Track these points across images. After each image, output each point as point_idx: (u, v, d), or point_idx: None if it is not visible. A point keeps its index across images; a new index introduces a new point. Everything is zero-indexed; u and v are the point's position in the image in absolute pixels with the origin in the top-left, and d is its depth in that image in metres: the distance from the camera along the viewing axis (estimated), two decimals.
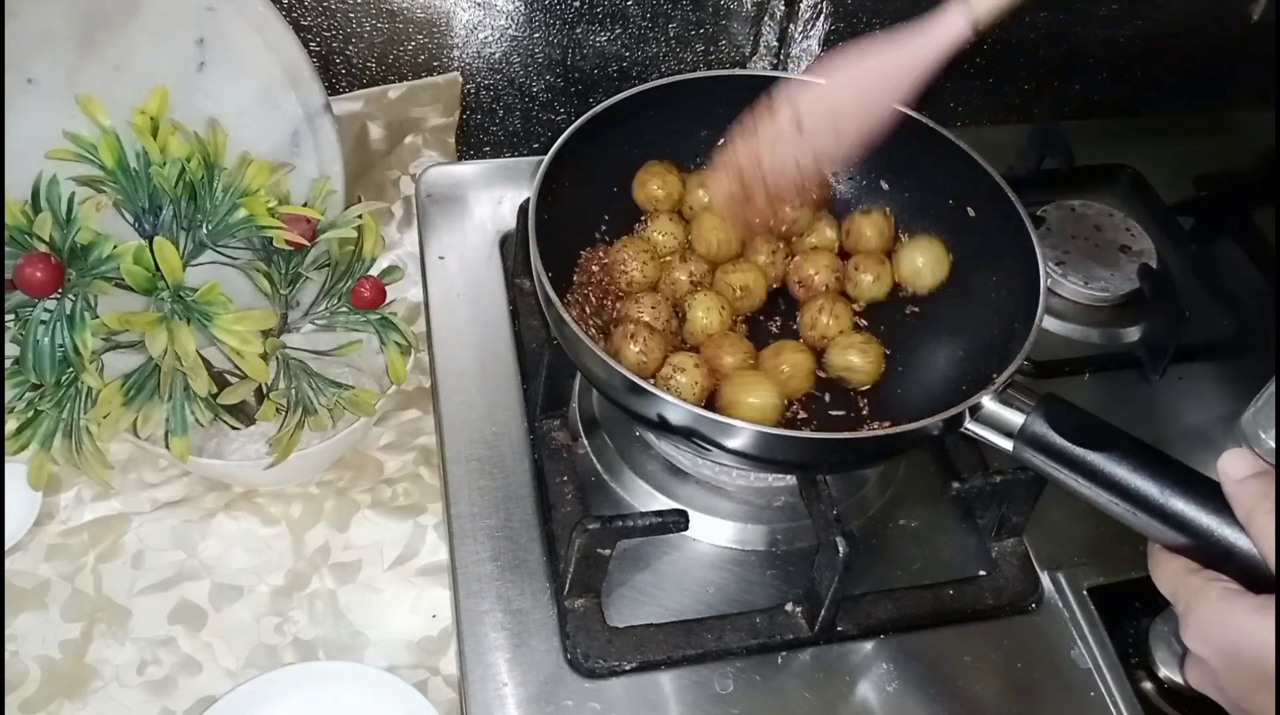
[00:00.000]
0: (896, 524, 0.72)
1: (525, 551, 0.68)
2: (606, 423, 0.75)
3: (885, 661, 0.65)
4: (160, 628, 0.70)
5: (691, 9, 0.89)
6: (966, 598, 0.68)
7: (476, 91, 0.91)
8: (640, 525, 0.62)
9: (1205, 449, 0.80)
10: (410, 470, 0.79)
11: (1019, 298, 0.67)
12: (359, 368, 0.81)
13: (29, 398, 0.59)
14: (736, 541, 0.70)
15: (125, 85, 0.67)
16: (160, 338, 0.57)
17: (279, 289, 0.66)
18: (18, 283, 0.56)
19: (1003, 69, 1.00)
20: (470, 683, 0.62)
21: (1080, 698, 0.65)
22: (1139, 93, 1.06)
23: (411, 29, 0.86)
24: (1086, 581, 0.69)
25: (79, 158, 0.61)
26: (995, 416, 0.59)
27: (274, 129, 0.73)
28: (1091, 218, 0.93)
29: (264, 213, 0.62)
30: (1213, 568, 0.49)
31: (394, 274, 0.72)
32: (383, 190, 0.92)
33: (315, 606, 0.72)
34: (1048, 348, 0.85)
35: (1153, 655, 0.66)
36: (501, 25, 0.87)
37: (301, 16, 0.82)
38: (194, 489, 0.77)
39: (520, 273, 0.82)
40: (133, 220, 0.64)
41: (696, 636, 0.64)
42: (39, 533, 0.73)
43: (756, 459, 0.63)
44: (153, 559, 0.73)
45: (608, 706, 0.62)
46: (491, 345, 0.79)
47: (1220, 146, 1.03)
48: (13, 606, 0.70)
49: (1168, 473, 0.53)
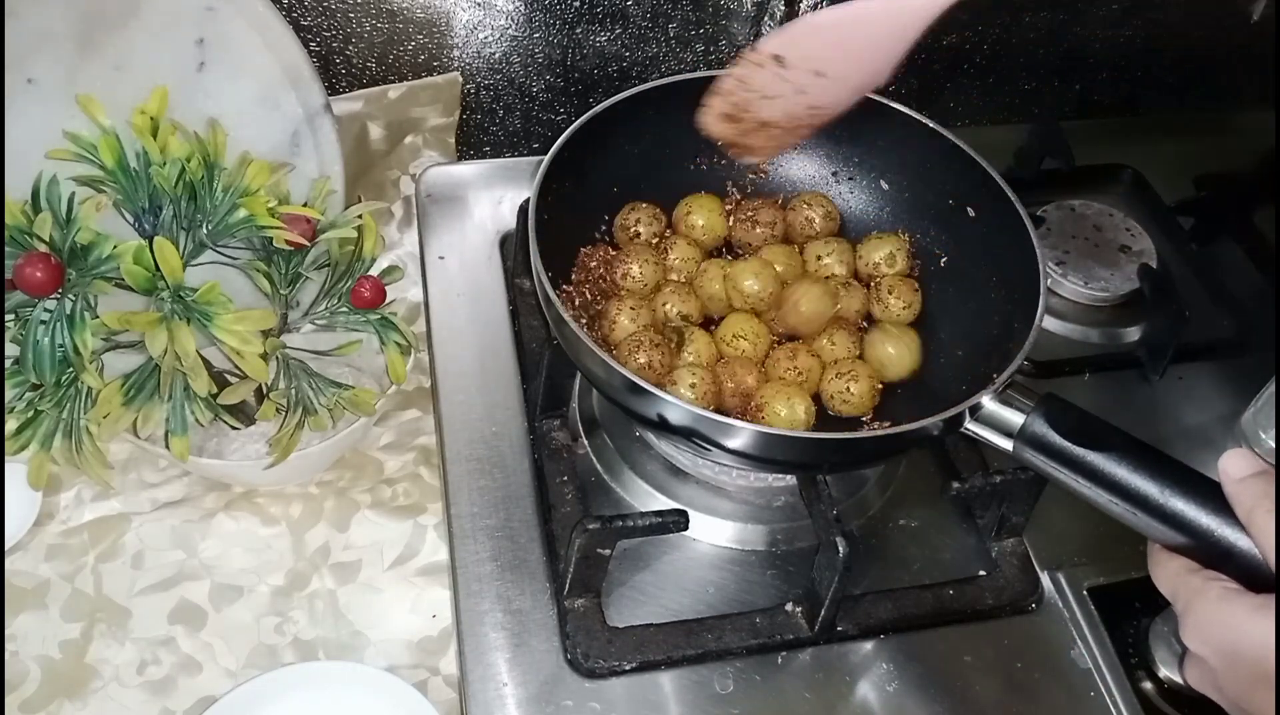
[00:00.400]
0: (896, 524, 0.72)
1: (525, 551, 0.68)
2: (606, 423, 0.75)
3: (885, 661, 0.65)
4: (160, 628, 0.70)
5: (691, 9, 0.89)
6: (966, 598, 0.68)
7: (476, 91, 0.91)
8: (640, 525, 0.62)
9: (1205, 449, 0.80)
10: (410, 470, 0.79)
11: (1019, 298, 0.67)
12: (359, 368, 0.81)
13: (29, 398, 0.59)
14: (736, 541, 0.70)
15: (125, 85, 0.67)
16: (160, 338, 0.57)
17: (279, 289, 0.66)
18: (18, 283, 0.56)
19: (1003, 69, 1.00)
20: (470, 683, 0.62)
21: (1080, 698, 0.65)
22: (1139, 93, 1.06)
23: (411, 29, 0.86)
24: (1086, 581, 0.69)
25: (79, 158, 0.61)
26: (995, 416, 0.59)
27: (274, 129, 0.73)
28: (1091, 218, 0.93)
29: (264, 213, 0.62)
30: (1212, 568, 0.49)
31: (394, 274, 0.72)
32: (383, 190, 0.92)
33: (315, 606, 0.72)
34: (1048, 348, 0.85)
35: (1153, 655, 0.66)
36: (501, 25, 0.87)
37: (301, 16, 0.82)
38: (194, 489, 0.77)
39: (520, 273, 0.82)
40: (133, 220, 0.64)
41: (696, 636, 0.64)
42: (39, 533, 0.73)
43: (756, 459, 0.63)
44: (153, 559, 0.73)
45: (608, 706, 0.62)
46: (491, 345, 0.79)
47: (1220, 146, 1.03)
48: (13, 606, 0.70)
49: (1168, 473, 0.53)
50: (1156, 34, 1.00)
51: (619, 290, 0.73)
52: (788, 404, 0.66)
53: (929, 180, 0.76)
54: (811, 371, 0.70)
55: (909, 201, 0.77)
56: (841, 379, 0.69)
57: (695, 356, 0.69)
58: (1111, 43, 1.00)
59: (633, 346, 0.67)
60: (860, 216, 0.79)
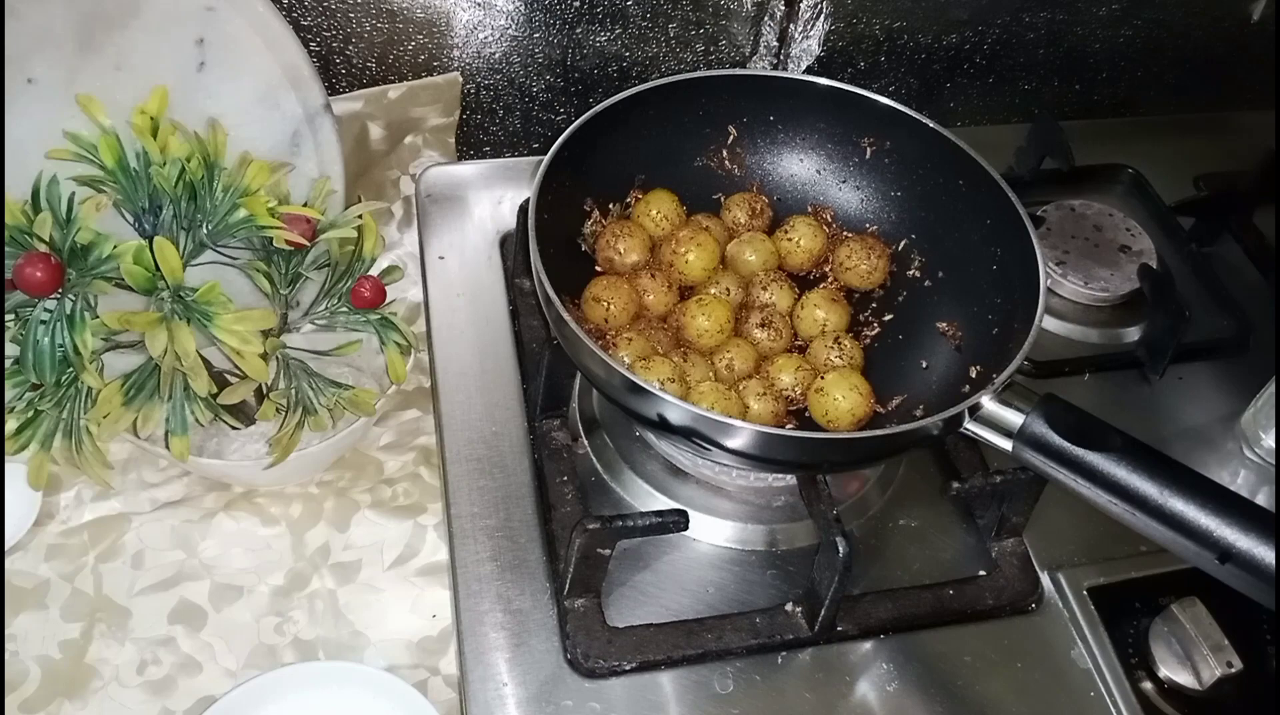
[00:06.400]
0: (896, 524, 0.72)
1: (525, 551, 0.68)
2: (606, 423, 0.75)
3: (885, 661, 0.65)
4: (160, 628, 0.70)
5: (691, 9, 0.89)
6: (966, 598, 0.68)
7: (476, 91, 0.91)
8: (640, 525, 0.62)
9: (1205, 449, 0.80)
10: (410, 470, 0.79)
11: (1019, 298, 0.67)
12: (359, 368, 0.81)
13: (29, 398, 0.59)
14: (736, 541, 0.70)
15: (125, 85, 0.67)
16: (160, 338, 0.57)
17: (279, 289, 0.66)
18: (18, 283, 0.56)
19: (1003, 69, 1.00)
20: (470, 683, 0.62)
21: (1080, 698, 0.65)
22: (1139, 93, 1.06)
23: (411, 29, 0.86)
24: (1086, 581, 0.69)
25: (79, 158, 0.61)
26: (995, 416, 0.59)
27: (274, 129, 0.73)
28: (1091, 218, 0.93)
29: (264, 213, 0.62)
30: (1212, 568, 0.49)
31: (394, 274, 0.72)
32: (383, 190, 0.92)
33: (315, 606, 0.72)
34: (1048, 348, 0.85)
35: (1153, 655, 0.66)
36: (501, 25, 0.87)
37: (301, 16, 0.82)
38: (194, 489, 0.77)
39: (520, 273, 0.82)
40: (133, 220, 0.64)
41: (696, 636, 0.64)
42: (39, 533, 0.73)
43: (756, 459, 0.63)
44: (153, 559, 0.73)
45: (608, 706, 0.62)
46: (491, 345, 0.79)
47: (1220, 146, 1.03)
48: (13, 606, 0.70)
49: (1167, 473, 0.53)
50: (1156, 34, 1.00)
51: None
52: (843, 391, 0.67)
53: (929, 180, 0.76)
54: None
55: (909, 201, 0.77)
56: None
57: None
58: (1111, 43, 1.00)
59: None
60: (860, 216, 0.79)
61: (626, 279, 0.73)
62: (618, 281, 0.72)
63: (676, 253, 0.74)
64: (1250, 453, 0.80)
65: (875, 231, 0.78)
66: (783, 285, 0.75)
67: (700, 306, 0.71)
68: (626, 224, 0.75)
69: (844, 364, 0.70)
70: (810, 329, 0.74)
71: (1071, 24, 0.98)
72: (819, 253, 0.77)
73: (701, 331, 0.71)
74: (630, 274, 0.74)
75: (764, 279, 0.75)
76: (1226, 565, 0.49)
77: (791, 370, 0.70)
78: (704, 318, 0.71)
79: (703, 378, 0.69)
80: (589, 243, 0.75)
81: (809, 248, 0.76)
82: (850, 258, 0.76)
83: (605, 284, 0.72)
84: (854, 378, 0.68)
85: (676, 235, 0.74)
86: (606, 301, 0.71)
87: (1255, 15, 1.00)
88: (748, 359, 0.71)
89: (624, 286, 0.72)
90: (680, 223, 0.76)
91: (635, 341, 0.69)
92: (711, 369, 0.70)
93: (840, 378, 0.67)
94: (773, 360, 0.71)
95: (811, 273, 0.78)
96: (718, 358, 0.71)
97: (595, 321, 0.71)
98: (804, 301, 0.74)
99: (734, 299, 0.74)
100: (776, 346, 0.72)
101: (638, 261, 0.74)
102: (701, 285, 0.74)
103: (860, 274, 0.76)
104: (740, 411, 0.67)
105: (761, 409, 0.68)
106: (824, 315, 0.73)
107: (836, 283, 0.77)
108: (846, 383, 0.67)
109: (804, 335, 0.74)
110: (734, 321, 0.72)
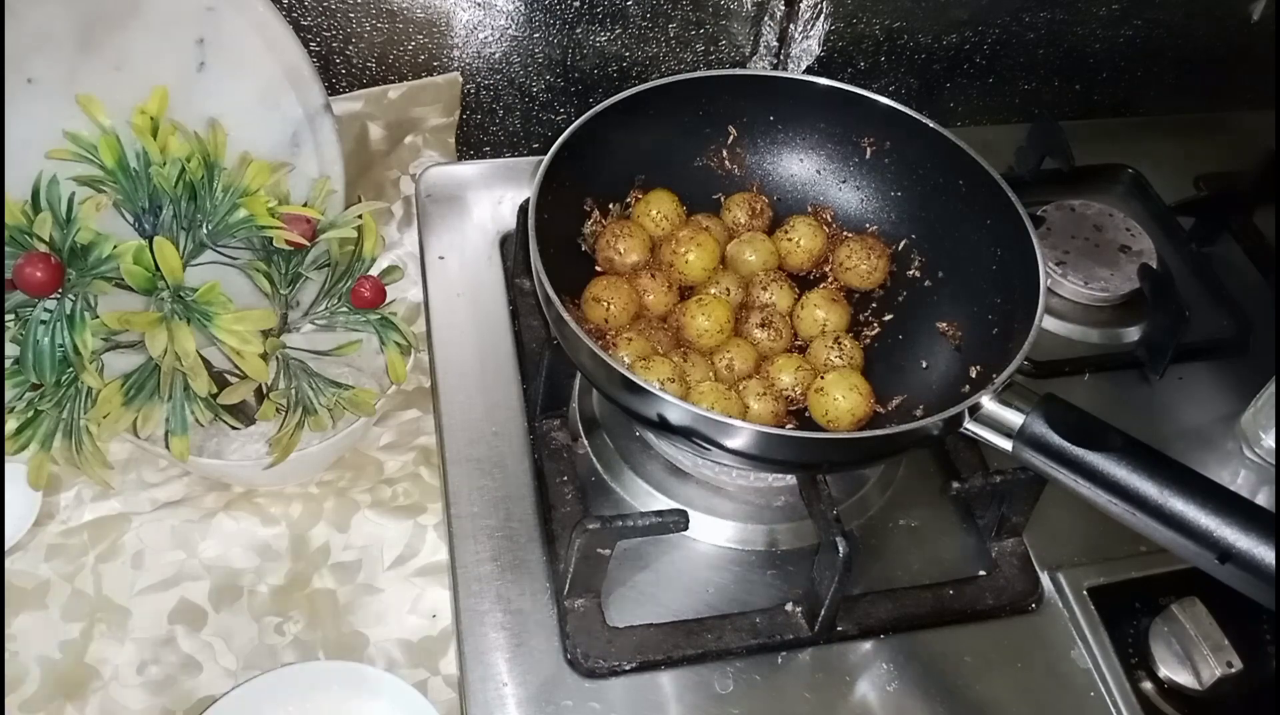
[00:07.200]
0: (896, 524, 0.72)
1: (525, 551, 0.68)
2: (606, 423, 0.75)
3: (885, 661, 0.65)
4: (160, 628, 0.70)
5: (691, 9, 0.89)
6: (966, 598, 0.68)
7: (476, 91, 0.91)
8: (640, 525, 0.62)
9: (1205, 449, 0.80)
10: (410, 470, 0.79)
11: (1019, 298, 0.67)
12: (359, 368, 0.81)
13: (29, 398, 0.59)
14: (736, 541, 0.70)
15: (125, 85, 0.67)
16: (160, 338, 0.57)
17: (279, 289, 0.66)
18: (18, 283, 0.56)
19: (1003, 69, 1.00)
20: (470, 683, 0.62)
21: (1080, 698, 0.65)
22: (1139, 93, 1.06)
23: (411, 29, 0.86)
24: (1086, 581, 0.69)
25: (79, 158, 0.61)
26: (995, 416, 0.59)
27: (274, 129, 0.73)
28: (1091, 218, 0.93)
29: (264, 213, 0.62)
30: (1212, 568, 0.49)
31: (394, 274, 0.72)
32: (383, 190, 0.92)
33: (315, 606, 0.72)
34: (1048, 348, 0.85)
35: (1153, 655, 0.66)
36: (501, 25, 0.87)
37: (301, 16, 0.82)
38: (194, 489, 0.77)
39: (520, 273, 0.82)
40: (133, 220, 0.64)
41: (696, 636, 0.64)
42: (39, 533, 0.73)
43: (756, 459, 0.63)
44: (153, 559, 0.73)
45: (608, 706, 0.62)
46: (491, 345, 0.79)
47: (1220, 146, 1.03)
48: (13, 606, 0.70)
49: (1167, 473, 0.53)
50: (1156, 34, 1.00)
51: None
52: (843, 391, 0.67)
53: (929, 180, 0.76)
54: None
55: (909, 201, 0.77)
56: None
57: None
58: (1111, 43, 1.00)
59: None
60: (860, 216, 0.79)
61: (626, 279, 0.73)
62: (618, 281, 0.72)
63: (676, 253, 0.74)
64: (1250, 453, 0.80)
65: (875, 231, 0.78)
66: (783, 285, 0.75)
67: (700, 306, 0.71)
68: (626, 224, 0.75)
69: (844, 364, 0.70)
70: (810, 329, 0.74)
71: (1071, 24, 0.98)
72: (819, 253, 0.77)
73: (701, 331, 0.71)
74: (630, 274, 0.74)
75: (764, 279, 0.75)
76: (1226, 565, 0.49)
77: (791, 370, 0.70)
78: (704, 318, 0.71)
79: (703, 378, 0.69)
80: (589, 243, 0.75)
81: (809, 248, 0.77)
82: (850, 258, 0.76)
83: (605, 284, 0.72)
84: (854, 378, 0.68)
85: (676, 235, 0.74)
86: (606, 301, 0.71)
87: (1255, 15, 1.00)
88: (748, 359, 0.71)
89: (624, 286, 0.72)
90: (680, 223, 0.76)
91: (635, 341, 0.69)
92: (711, 369, 0.70)
93: (840, 378, 0.68)
94: (773, 360, 0.71)
95: (811, 273, 0.78)
96: (718, 358, 0.71)
97: (595, 321, 0.71)
98: (804, 301, 0.74)
99: (734, 299, 0.74)
100: (776, 346, 0.72)
101: (638, 261, 0.74)
102: (701, 285, 0.74)
103: (860, 274, 0.76)
104: (740, 411, 0.67)
105: (761, 409, 0.68)
106: (824, 315, 0.73)
107: (836, 283, 0.77)
108: (846, 383, 0.67)
109: (804, 335, 0.74)
110: (734, 321, 0.72)
